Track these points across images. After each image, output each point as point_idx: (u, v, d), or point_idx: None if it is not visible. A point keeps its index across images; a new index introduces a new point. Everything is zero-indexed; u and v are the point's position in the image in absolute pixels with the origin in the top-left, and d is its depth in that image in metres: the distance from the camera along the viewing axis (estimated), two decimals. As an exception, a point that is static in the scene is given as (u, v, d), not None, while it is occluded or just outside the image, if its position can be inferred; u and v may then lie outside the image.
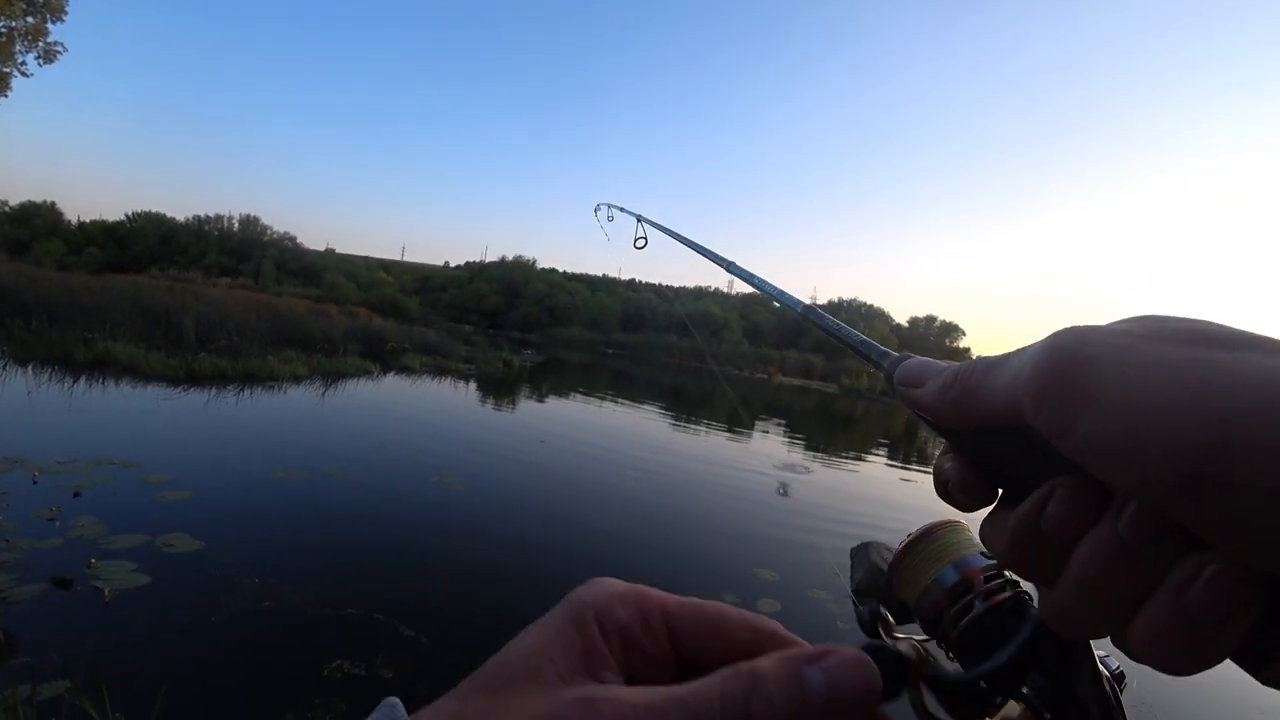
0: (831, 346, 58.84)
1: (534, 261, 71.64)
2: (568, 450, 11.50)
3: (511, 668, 0.29)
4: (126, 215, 61.70)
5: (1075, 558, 0.25)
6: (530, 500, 8.09)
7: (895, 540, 0.40)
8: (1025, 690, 0.34)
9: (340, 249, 73.43)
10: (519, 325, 59.17)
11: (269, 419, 10.47)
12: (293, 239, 64.34)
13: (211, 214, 62.94)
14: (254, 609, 4.43)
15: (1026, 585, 0.37)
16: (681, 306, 61.52)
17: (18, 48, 16.76)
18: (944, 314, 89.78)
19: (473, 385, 18.67)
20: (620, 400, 20.90)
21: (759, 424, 19.89)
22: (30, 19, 16.71)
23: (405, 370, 19.08)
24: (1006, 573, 0.38)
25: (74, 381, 10.79)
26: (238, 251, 59.30)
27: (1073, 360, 0.24)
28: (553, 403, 18.41)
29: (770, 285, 0.76)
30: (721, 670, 0.27)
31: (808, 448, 16.78)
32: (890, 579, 0.44)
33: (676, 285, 78.36)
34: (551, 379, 24.87)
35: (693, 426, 17.70)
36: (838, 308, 67.40)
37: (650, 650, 0.31)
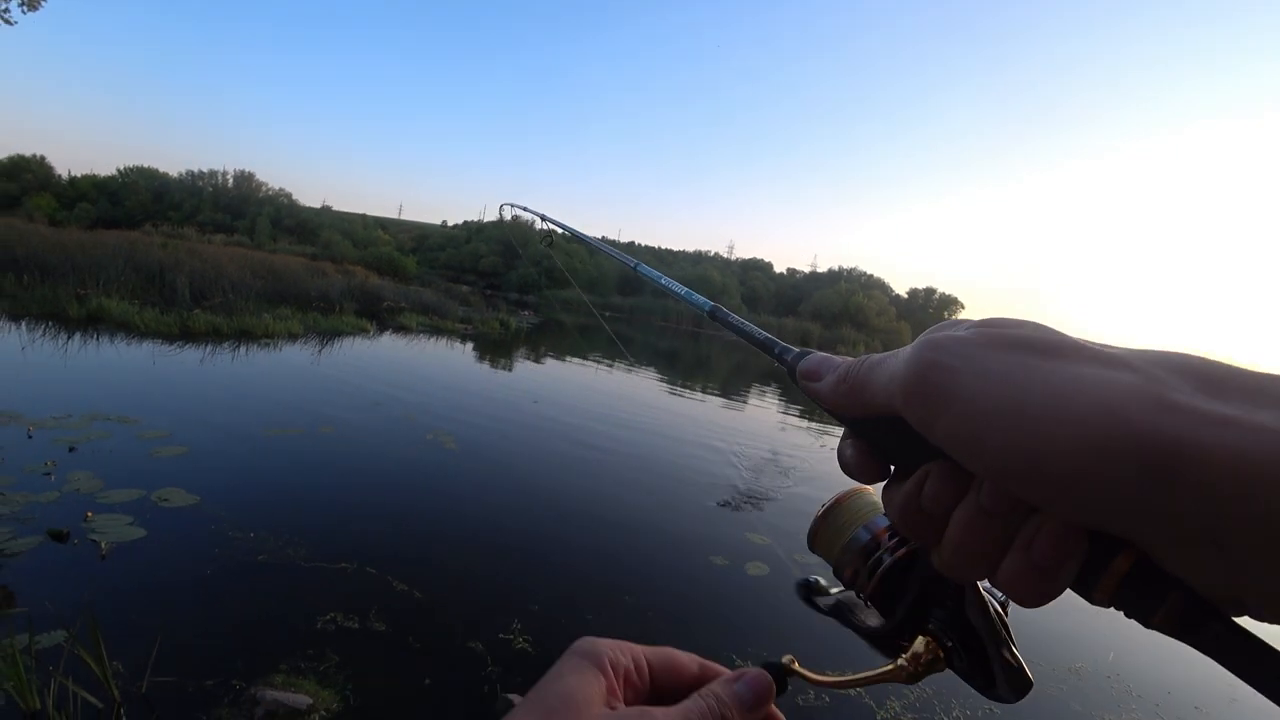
0: (830, 315, 58.87)
1: (533, 222, 70.64)
2: (561, 410, 11.55)
3: (572, 696, 0.37)
4: (119, 170, 60.76)
5: (951, 524, 0.32)
6: (522, 458, 8.16)
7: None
8: (930, 625, 0.43)
9: (337, 207, 72.71)
10: (517, 286, 58.88)
11: (264, 376, 10.48)
12: (288, 196, 63.50)
13: (206, 169, 62.00)
14: (248, 562, 4.50)
15: None
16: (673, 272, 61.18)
17: (0, -6, 16.27)
18: (944, 286, 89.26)
19: (469, 345, 18.66)
20: (616, 363, 20.94)
21: (754, 391, 19.94)
22: (13, -35, 16.20)
23: (402, 329, 19.05)
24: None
25: (68, 338, 10.76)
26: (232, 208, 58.61)
27: (931, 367, 0.31)
28: (549, 364, 18.43)
29: (675, 285, 0.77)
30: (695, 693, 0.40)
31: (803, 416, 16.88)
32: (812, 543, 0.51)
33: (676, 249, 77.80)
34: (548, 340, 24.86)
35: (687, 390, 17.77)
36: (838, 276, 66.98)
37: (638, 686, 0.42)
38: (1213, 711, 4.71)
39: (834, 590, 0.50)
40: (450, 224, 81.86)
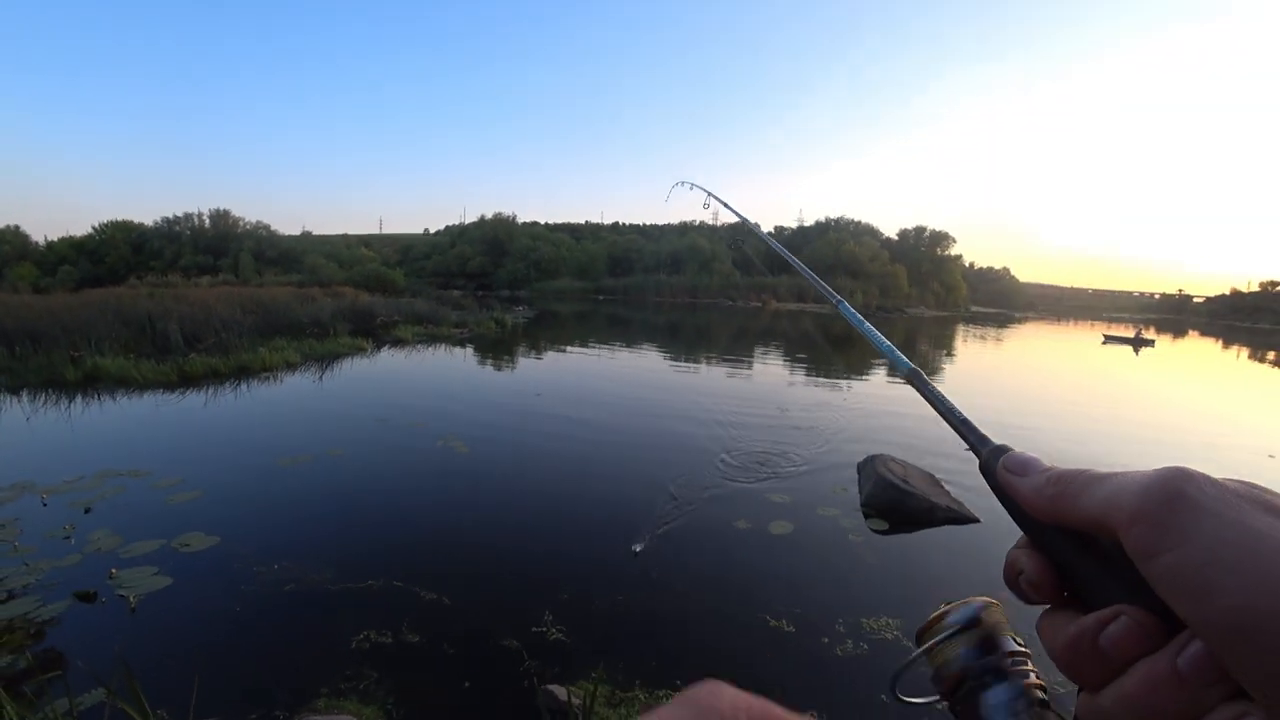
0: (824, 266, 58.40)
1: (514, 217, 70.59)
2: (565, 399, 11.58)
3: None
4: (94, 227, 60.66)
5: (1130, 676, 0.29)
6: (533, 452, 8.18)
7: (900, 452, 0.41)
8: None
9: (316, 230, 72.28)
10: (507, 283, 58.79)
11: (268, 410, 10.50)
12: (267, 227, 63.23)
13: (181, 213, 61.72)
14: (276, 593, 4.54)
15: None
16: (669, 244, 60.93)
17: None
18: (934, 223, 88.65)
19: (468, 349, 18.67)
20: (614, 345, 20.92)
21: (758, 351, 19.94)
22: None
23: (398, 343, 19.06)
24: (1030, 664, 0.39)
25: (69, 401, 10.78)
26: (213, 248, 58.41)
27: (1178, 496, 0.28)
28: (548, 356, 18.42)
29: (879, 338, 0.66)
30: None
31: (809, 370, 16.89)
32: (920, 639, 0.45)
33: (661, 223, 77.33)
34: (545, 332, 24.82)
35: (690, 361, 17.77)
36: (826, 227, 66.57)
37: None
38: None
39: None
40: (433, 230, 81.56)
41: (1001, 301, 78.79)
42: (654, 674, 3.74)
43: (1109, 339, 36.85)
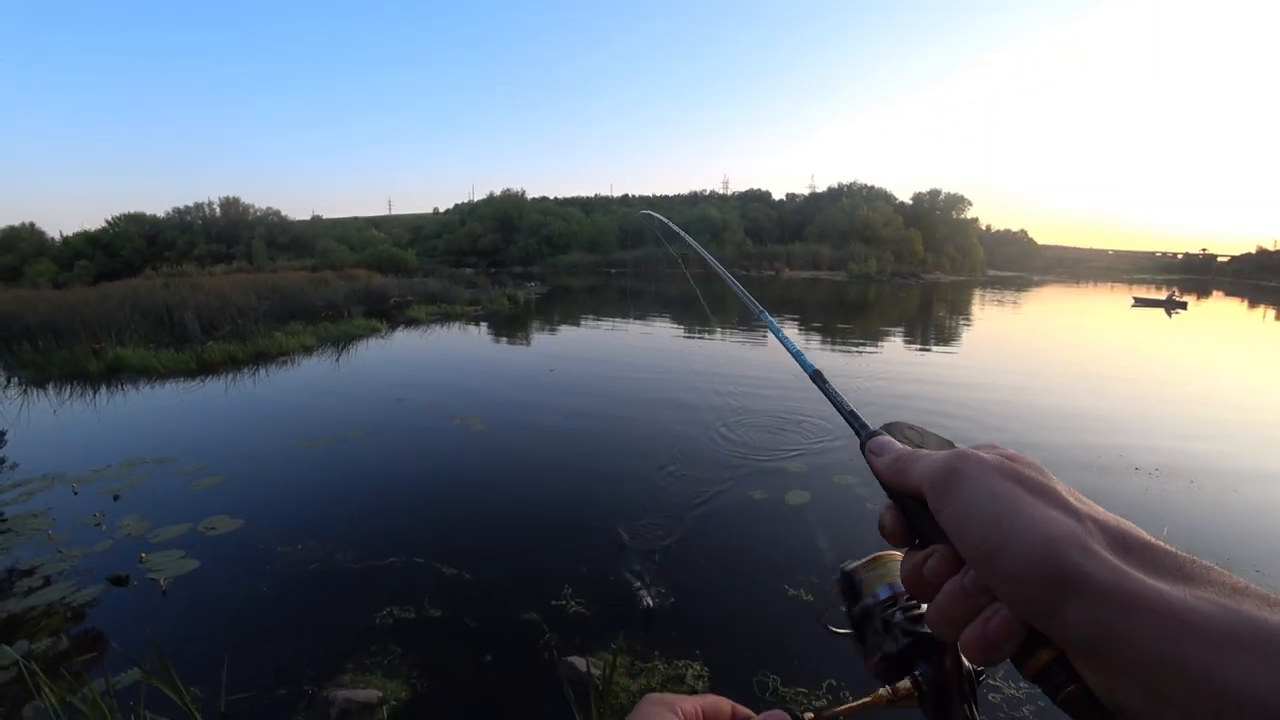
0: (838, 233, 57.74)
1: (523, 192, 70.33)
2: (580, 373, 11.62)
3: None
4: (108, 221, 61.09)
5: (941, 592, 0.42)
6: (548, 427, 8.23)
7: (917, 418, 0.56)
8: (916, 672, 0.54)
9: (327, 214, 72.43)
10: (519, 259, 58.74)
11: (287, 394, 10.63)
12: (278, 213, 63.44)
13: (192, 203, 62.04)
14: (301, 573, 4.63)
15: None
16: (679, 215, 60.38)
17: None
18: (949, 186, 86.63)
19: (482, 326, 18.74)
20: (627, 318, 20.90)
21: (774, 319, 19.87)
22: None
23: (412, 323, 19.15)
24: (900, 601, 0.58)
25: (94, 392, 10.97)
26: (225, 236, 58.74)
27: (952, 471, 0.42)
28: (562, 331, 18.45)
29: (789, 342, 0.82)
30: None
31: (824, 337, 16.79)
32: (842, 584, 0.65)
33: (671, 194, 76.66)
34: (558, 307, 24.82)
35: (702, 332, 17.72)
36: (839, 193, 65.50)
37: None
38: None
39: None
40: (442, 209, 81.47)
41: (1019, 264, 77.29)
42: (673, 645, 3.79)
43: (1139, 302, 35.47)
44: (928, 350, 14.67)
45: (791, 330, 18.01)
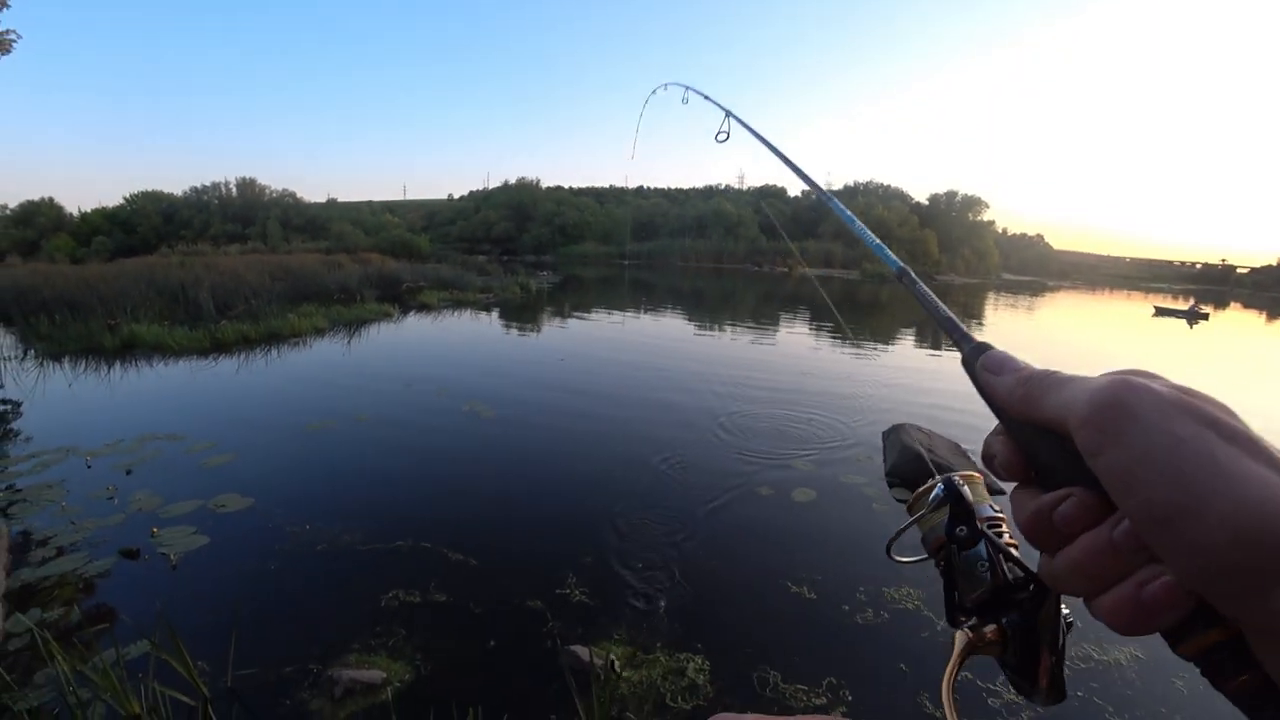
0: (850, 232, 57.15)
1: (538, 181, 70.31)
2: (589, 365, 11.64)
3: None
4: (126, 198, 61.59)
5: (1076, 544, 0.35)
6: (557, 416, 8.26)
7: (926, 420, 0.48)
8: (1004, 620, 0.47)
9: (342, 198, 72.67)
10: (532, 248, 58.77)
11: (298, 375, 10.71)
12: (293, 195, 63.75)
13: (209, 183, 62.43)
14: (308, 553, 4.68)
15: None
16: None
17: (-31, 42, 16.29)
18: (966, 188, 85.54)
19: (493, 314, 18.79)
20: (639, 310, 20.91)
21: (784, 317, 19.82)
22: (-26, 12, 16.16)
23: (424, 308, 19.22)
24: (1005, 528, 0.51)
25: (108, 368, 11.08)
26: (241, 216, 59.08)
27: (1118, 404, 0.33)
28: (573, 321, 18.46)
29: (867, 234, 0.74)
30: None
31: (834, 336, 16.73)
32: (911, 509, 0.57)
33: (685, 187, 76.47)
34: (570, 297, 24.84)
35: (713, 327, 17.70)
36: (854, 191, 65.12)
37: None
38: None
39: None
40: (457, 196, 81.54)
41: (1034, 269, 76.37)
42: (676, 637, 3.81)
43: (1161, 311, 35.15)
44: (938, 354, 14.59)
45: (802, 326, 17.97)
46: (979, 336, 0.49)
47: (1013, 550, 0.49)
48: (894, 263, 0.65)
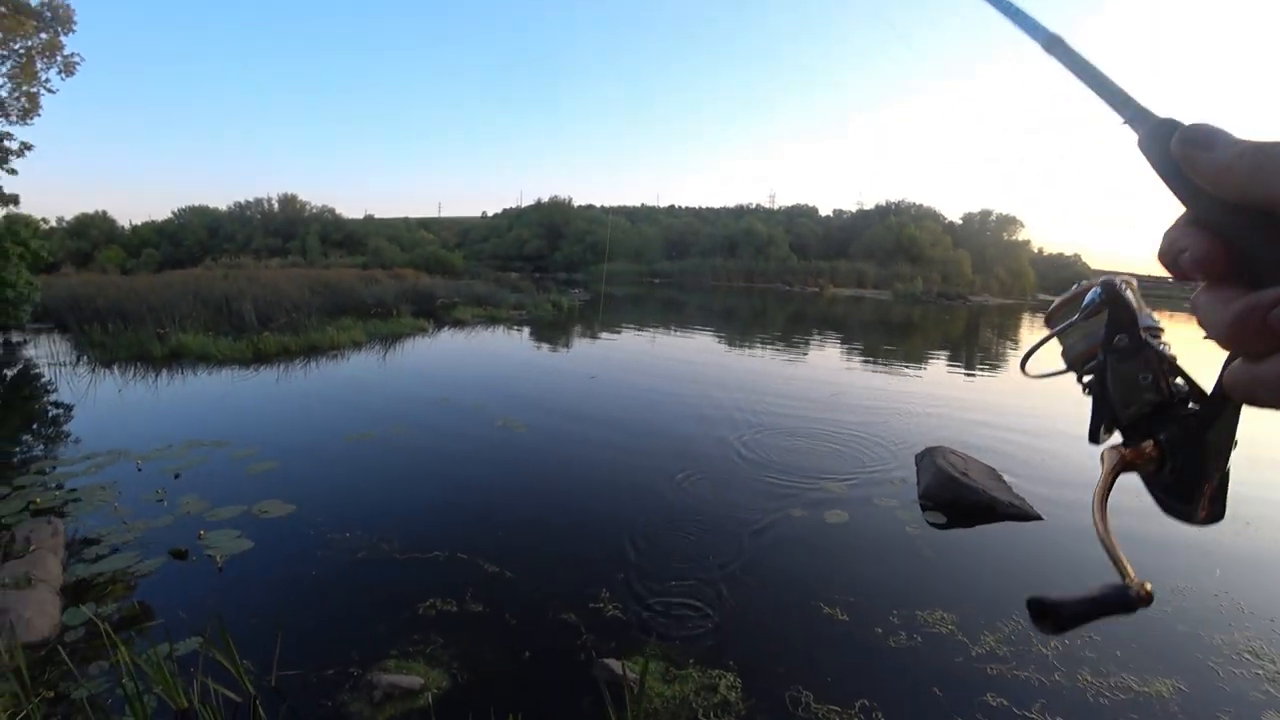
0: (884, 252, 56.84)
1: (570, 200, 71.06)
2: (621, 382, 11.72)
3: None
4: (174, 212, 63.78)
5: None
6: (589, 432, 8.33)
7: (960, 444, 0.47)
8: (1162, 436, 0.44)
9: (379, 214, 74.15)
10: (564, 266, 59.27)
11: (336, 386, 10.96)
12: (332, 211, 65.20)
13: (252, 198, 64.24)
14: (349, 560, 4.80)
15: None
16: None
17: (39, 65, 17.12)
18: (1000, 206, 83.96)
19: (525, 330, 19.01)
20: (669, 328, 20.98)
21: (814, 337, 19.75)
22: (44, 35, 17.01)
23: (458, 324, 19.52)
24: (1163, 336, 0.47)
25: (156, 375, 11.47)
26: (282, 231, 60.63)
27: None
28: (604, 338, 18.59)
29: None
30: None
31: (866, 357, 16.62)
32: (1050, 318, 0.55)
33: (717, 206, 76.69)
34: (601, 315, 25.02)
35: (744, 346, 17.69)
36: (887, 210, 64.55)
37: None
38: (1328, 604, 4.54)
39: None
40: (490, 214, 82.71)
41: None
42: (708, 654, 3.83)
43: None
44: (973, 376, 14.40)
45: (833, 350, 17.86)
46: (1012, 357, 0.49)
47: (1174, 362, 0.45)
48: (1042, 31, 0.48)
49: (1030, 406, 10.79)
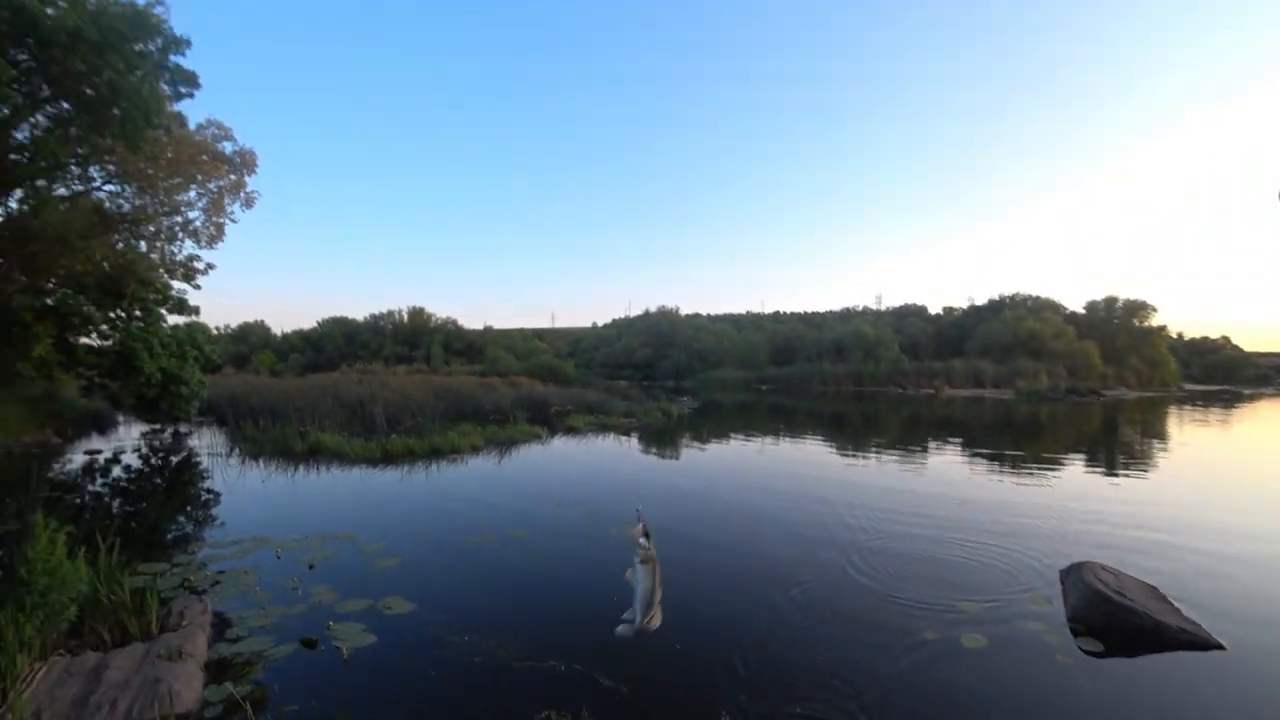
0: (1001, 348, 54.02)
1: (678, 309, 72.96)
2: (733, 490, 11.47)
3: None
4: (318, 322, 70.90)
5: None
6: (706, 543, 8.10)
7: (1112, 558, 0.42)
8: None
9: (497, 325, 78.75)
10: (672, 374, 60.10)
11: (456, 488, 11.34)
12: (454, 321, 70.00)
13: (385, 310, 70.29)
14: (467, 662, 4.79)
15: None
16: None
17: (227, 200, 20.13)
18: (1128, 291, 78.10)
19: (635, 438, 19.14)
20: (778, 435, 20.53)
21: (934, 442, 18.73)
22: (233, 176, 20.07)
23: (571, 431, 19.94)
24: None
25: (295, 469, 12.35)
26: (409, 340, 65.57)
27: None
28: (713, 446, 18.41)
29: None
30: None
31: (991, 462, 15.52)
32: None
33: (822, 310, 76.30)
34: (710, 422, 24.90)
35: (857, 452, 16.97)
36: (1001, 305, 61.81)
37: None
38: None
39: None
40: (600, 324, 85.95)
41: (1222, 376, 66.32)
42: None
43: None
44: (1117, 480, 13.05)
45: (955, 455, 16.81)
46: (1165, 462, 0.41)
47: None
48: None
49: (1193, 513, 9.61)
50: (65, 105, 16.02)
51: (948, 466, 14.84)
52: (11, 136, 16.17)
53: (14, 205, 17.81)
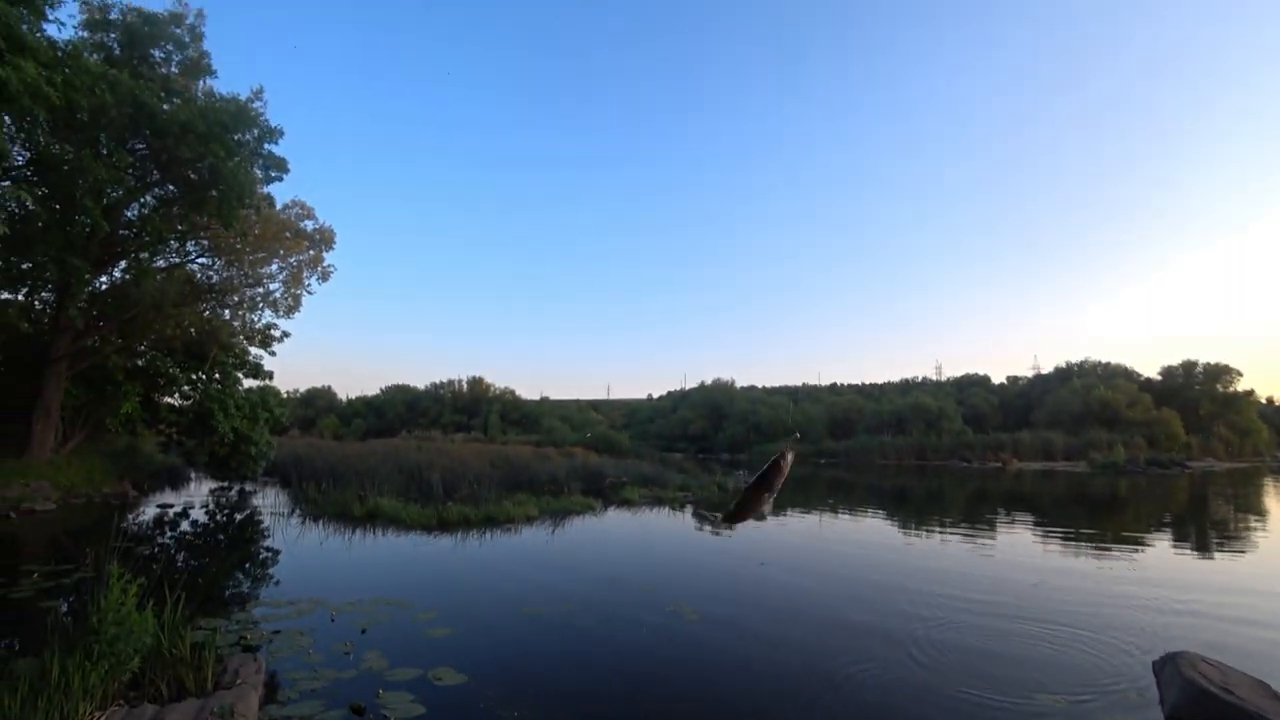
0: (1071, 418, 50.95)
1: (733, 381, 72.62)
2: (791, 569, 11.00)
3: None
4: (381, 389, 73.23)
5: None
6: (759, 625, 7.71)
7: (1211, 648, 0.35)
8: None
9: (553, 395, 79.75)
10: (727, 446, 59.32)
11: (510, 558, 11.24)
12: (512, 393, 71.27)
13: (445, 379, 72.21)
14: (517, 738, 4.60)
15: None
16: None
17: (305, 274, 21.40)
18: (1209, 355, 73.21)
19: (690, 512, 18.76)
20: (837, 511, 19.82)
21: (1004, 518, 17.74)
22: (312, 251, 21.38)
23: (625, 503, 19.68)
24: None
25: (351, 532, 12.48)
26: (468, 409, 66.93)
27: None
28: (770, 522, 17.86)
29: None
30: None
31: (1067, 540, 14.53)
32: None
33: (881, 382, 74.59)
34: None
35: (920, 529, 16.17)
36: (1068, 373, 59.14)
37: None
38: None
39: None
40: (656, 396, 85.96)
41: None
42: None
43: None
44: (1211, 559, 11.95)
45: (1026, 532, 15.81)
46: (1265, 541, 0.33)
47: None
48: None
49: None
50: (171, 187, 17.52)
51: (1019, 545, 13.95)
52: (122, 214, 17.72)
53: (118, 274, 19.40)
